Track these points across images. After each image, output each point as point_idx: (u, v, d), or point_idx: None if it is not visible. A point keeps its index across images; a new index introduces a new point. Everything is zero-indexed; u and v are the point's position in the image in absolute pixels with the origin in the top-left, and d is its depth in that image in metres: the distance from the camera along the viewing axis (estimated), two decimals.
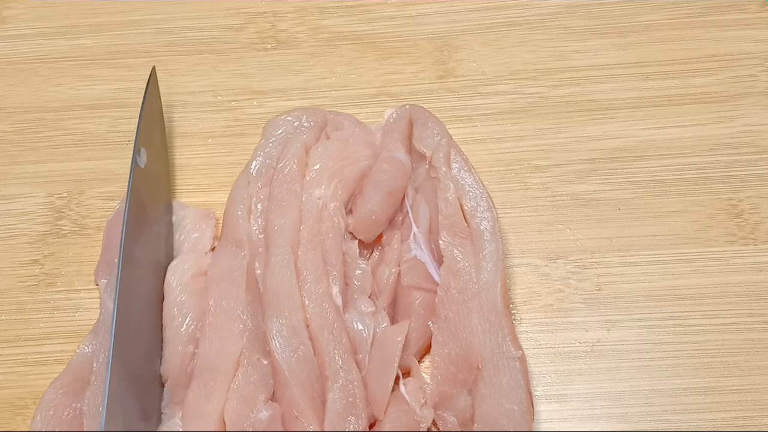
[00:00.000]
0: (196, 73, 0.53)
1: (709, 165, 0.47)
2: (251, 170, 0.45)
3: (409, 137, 0.46)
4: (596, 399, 0.41)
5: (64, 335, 0.44)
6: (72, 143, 0.51)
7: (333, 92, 0.52)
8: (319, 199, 0.44)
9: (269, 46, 0.54)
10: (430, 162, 0.44)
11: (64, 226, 0.48)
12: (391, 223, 0.45)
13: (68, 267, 0.47)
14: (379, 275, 0.43)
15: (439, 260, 0.43)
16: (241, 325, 0.41)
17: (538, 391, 0.41)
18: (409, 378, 0.41)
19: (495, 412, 0.38)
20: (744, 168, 0.47)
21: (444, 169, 0.43)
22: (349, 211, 0.45)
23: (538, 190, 0.47)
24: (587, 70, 0.51)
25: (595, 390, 0.41)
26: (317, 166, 0.45)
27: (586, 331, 0.43)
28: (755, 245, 0.45)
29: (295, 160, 0.45)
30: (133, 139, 0.50)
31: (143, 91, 0.52)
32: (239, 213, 0.44)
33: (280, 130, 0.46)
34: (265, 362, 0.40)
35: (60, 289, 0.46)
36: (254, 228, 0.44)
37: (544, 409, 0.41)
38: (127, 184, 0.42)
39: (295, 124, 0.46)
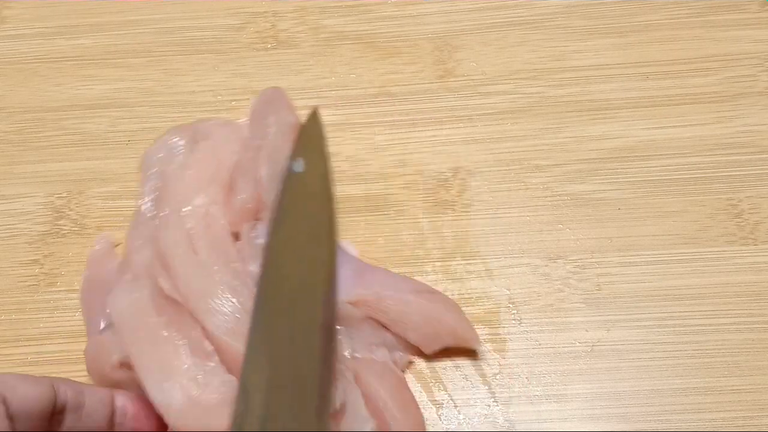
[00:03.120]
0: (195, 72, 0.53)
1: (708, 165, 0.48)
2: (142, 209, 0.45)
3: None
4: (596, 399, 0.41)
5: (64, 335, 0.44)
6: (72, 143, 0.51)
7: (333, 92, 0.52)
8: (200, 207, 0.43)
9: (269, 46, 0.54)
10: None
11: (64, 225, 0.48)
12: None
13: (68, 267, 0.47)
14: None
15: None
16: (175, 343, 0.39)
17: (538, 391, 0.41)
18: None
19: None
20: (744, 168, 0.47)
21: None
22: None
23: (538, 190, 0.47)
24: (587, 70, 0.51)
25: (595, 390, 0.41)
26: (192, 177, 0.44)
27: (586, 331, 0.43)
28: (755, 245, 0.45)
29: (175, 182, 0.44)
30: (133, 138, 0.51)
31: (143, 91, 0.53)
32: (136, 247, 0.44)
33: (155, 159, 0.46)
34: (212, 364, 0.39)
35: (60, 289, 0.46)
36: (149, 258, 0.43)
37: (543, 409, 0.41)
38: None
39: (170, 148, 0.47)
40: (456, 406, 0.41)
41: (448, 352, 0.42)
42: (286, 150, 0.44)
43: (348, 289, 0.42)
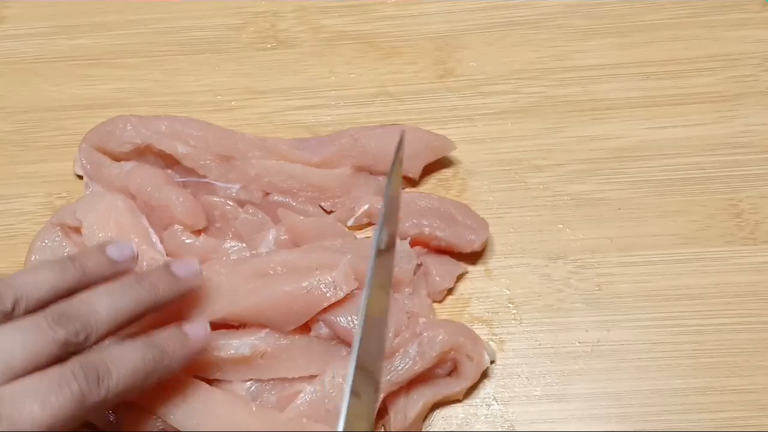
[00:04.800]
0: (196, 72, 0.53)
1: (709, 165, 0.47)
2: None
3: None
4: (596, 399, 0.41)
5: None
6: (72, 143, 0.51)
7: (333, 92, 0.52)
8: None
9: (269, 46, 0.54)
10: None
11: None
12: None
13: None
14: None
15: None
16: None
17: (537, 391, 0.41)
18: None
19: None
20: (744, 168, 0.47)
21: None
22: None
23: (539, 189, 0.47)
24: (588, 69, 0.51)
25: (595, 390, 0.41)
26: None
27: (586, 331, 0.43)
28: (755, 245, 0.45)
29: None
30: None
31: (143, 91, 0.53)
32: None
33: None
34: None
35: None
36: None
37: (544, 409, 0.41)
38: None
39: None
40: (456, 406, 0.41)
41: None
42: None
43: (323, 149, 0.47)
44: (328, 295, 0.39)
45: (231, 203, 0.46)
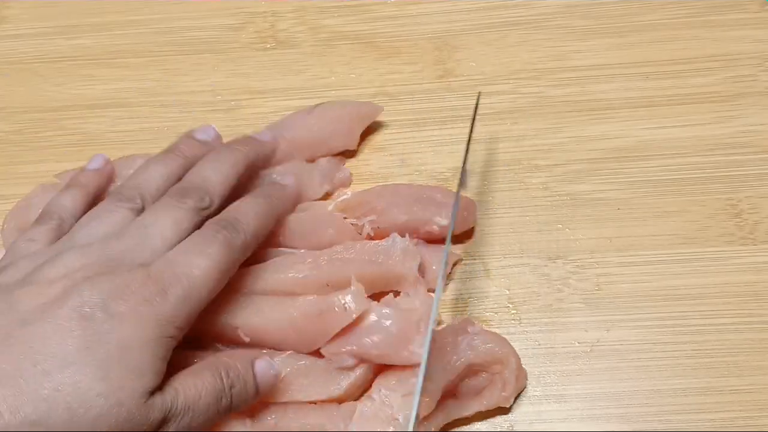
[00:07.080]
0: (195, 72, 0.53)
1: (708, 165, 0.47)
2: None
3: None
4: (596, 399, 0.41)
5: None
6: (72, 143, 0.51)
7: (332, 92, 0.52)
8: None
9: (268, 46, 0.54)
10: None
11: None
12: None
13: None
14: None
15: None
16: None
17: (537, 391, 0.41)
18: None
19: None
20: (743, 168, 0.47)
21: None
22: None
23: (538, 189, 0.47)
24: (587, 69, 0.51)
25: (594, 390, 0.41)
26: None
27: (586, 331, 0.43)
28: (754, 245, 0.45)
29: None
30: (135, 139, 0.51)
31: (143, 91, 0.53)
32: None
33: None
34: None
35: None
36: None
37: (543, 409, 0.41)
38: None
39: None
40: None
41: None
42: None
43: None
44: (340, 317, 0.39)
45: None
